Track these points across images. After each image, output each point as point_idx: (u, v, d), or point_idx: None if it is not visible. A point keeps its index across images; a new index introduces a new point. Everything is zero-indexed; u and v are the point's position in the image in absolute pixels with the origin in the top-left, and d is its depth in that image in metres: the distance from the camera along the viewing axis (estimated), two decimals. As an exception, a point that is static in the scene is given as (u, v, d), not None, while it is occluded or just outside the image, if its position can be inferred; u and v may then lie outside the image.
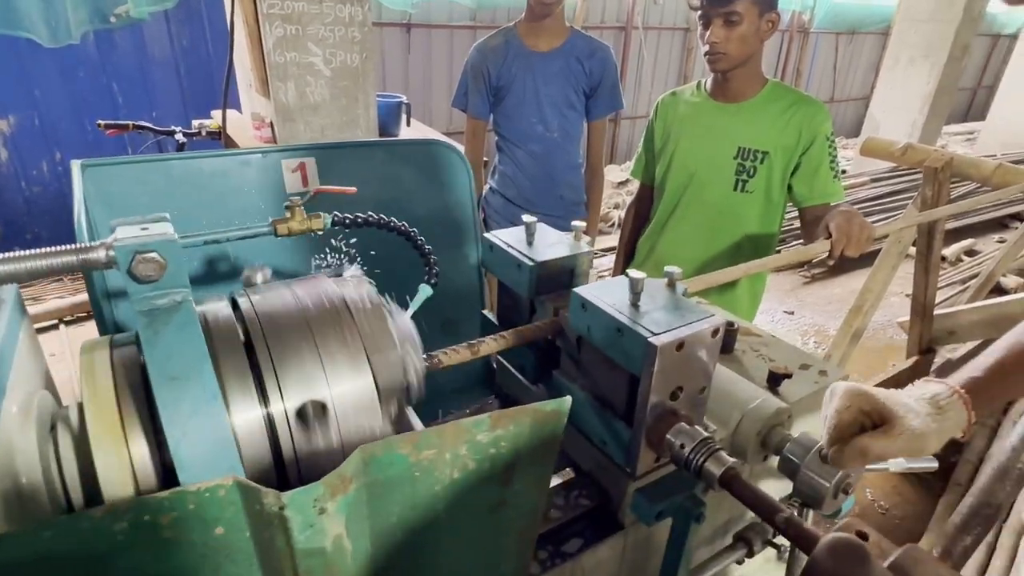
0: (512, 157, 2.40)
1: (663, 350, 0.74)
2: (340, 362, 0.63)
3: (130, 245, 0.56)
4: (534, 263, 0.96)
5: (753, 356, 1.12)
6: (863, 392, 0.71)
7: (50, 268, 0.55)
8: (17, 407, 0.59)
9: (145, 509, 0.43)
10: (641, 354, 0.75)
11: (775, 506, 0.69)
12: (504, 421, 0.55)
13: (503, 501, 0.66)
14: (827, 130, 1.73)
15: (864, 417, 0.71)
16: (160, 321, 0.55)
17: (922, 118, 6.08)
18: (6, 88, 4.05)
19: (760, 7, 1.61)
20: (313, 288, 0.71)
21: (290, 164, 1.21)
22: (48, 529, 0.41)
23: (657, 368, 0.75)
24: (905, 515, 2.57)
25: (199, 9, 4.51)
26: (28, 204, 4.44)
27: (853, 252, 1.45)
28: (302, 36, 2.50)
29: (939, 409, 0.71)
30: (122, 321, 1.06)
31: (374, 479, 0.52)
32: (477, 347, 0.89)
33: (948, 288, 4.47)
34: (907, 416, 0.69)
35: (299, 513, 0.46)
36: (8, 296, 0.68)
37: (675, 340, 0.75)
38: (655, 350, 0.73)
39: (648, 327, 0.76)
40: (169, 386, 0.51)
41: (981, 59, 11.20)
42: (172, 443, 0.50)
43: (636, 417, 0.81)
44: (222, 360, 0.60)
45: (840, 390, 0.73)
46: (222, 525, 0.47)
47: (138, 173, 1.05)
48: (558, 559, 0.88)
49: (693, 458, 0.75)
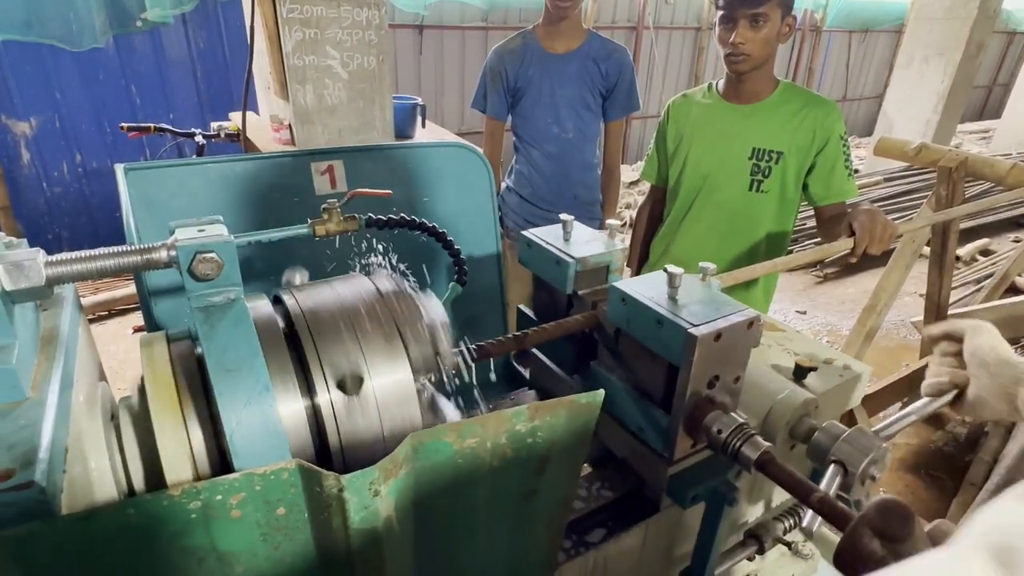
0: (528, 157, 2.44)
1: (703, 340, 0.77)
2: (378, 352, 0.67)
3: (191, 246, 0.60)
4: (574, 259, 1.00)
5: (779, 350, 1.15)
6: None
7: (118, 267, 0.59)
8: (84, 396, 0.63)
9: (218, 489, 0.47)
10: (681, 344, 0.79)
11: (810, 487, 0.72)
12: (542, 412, 0.59)
13: (536, 490, 0.69)
14: (840, 129, 1.75)
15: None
16: (216, 317, 0.59)
17: (936, 117, 6.05)
18: (28, 91, 4.14)
19: (783, 10, 1.63)
20: (352, 285, 0.75)
21: (319, 167, 1.25)
22: (131, 506, 0.45)
23: (696, 358, 0.78)
24: (919, 514, 2.58)
25: (215, 12, 4.58)
26: (49, 205, 4.53)
27: (876, 250, 1.47)
28: (320, 40, 2.55)
29: None
30: (160, 317, 1.11)
31: (421, 464, 0.55)
32: (522, 339, 0.92)
33: (963, 288, 4.45)
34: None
35: (356, 495, 0.49)
36: (68, 293, 0.73)
37: (713, 331, 0.78)
38: (695, 340, 0.77)
39: (688, 319, 0.79)
40: (225, 378, 0.55)
41: (996, 57, 11.10)
42: (228, 430, 0.53)
43: (675, 404, 0.85)
44: (270, 353, 0.64)
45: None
46: (284, 506, 0.51)
47: (176, 176, 1.09)
48: (582, 548, 0.91)
49: (730, 442, 0.79)
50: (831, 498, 0.68)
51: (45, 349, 0.64)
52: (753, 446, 0.77)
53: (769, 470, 0.75)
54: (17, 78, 4.07)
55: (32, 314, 0.65)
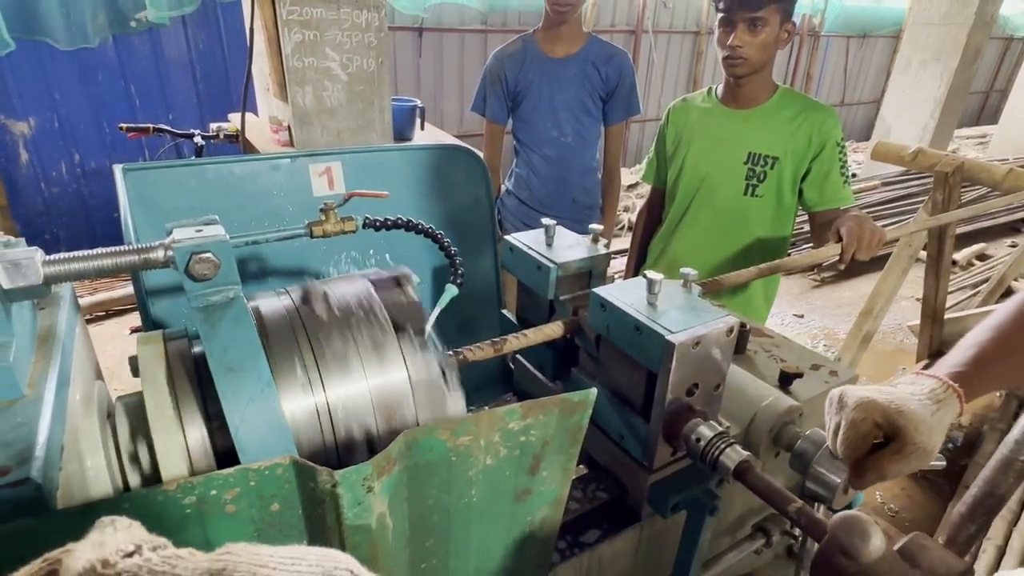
0: (527, 160, 2.45)
1: (680, 348, 0.77)
2: (370, 353, 0.67)
3: (187, 246, 0.60)
4: (556, 265, 1.00)
5: (765, 356, 1.15)
6: (873, 403, 0.72)
7: (115, 267, 0.60)
8: (80, 395, 0.64)
9: (213, 484, 0.47)
10: (659, 351, 0.79)
11: (787, 497, 0.72)
12: (535, 410, 0.59)
13: (529, 490, 0.70)
14: (837, 136, 1.76)
15: (876, 429, 0.72)
16: (216, 316, 0.59)
17: (933, 122, 6.08)
18: (27, 91, 4.14)
19: (782, 15, 1.64)
20: (348, 285, 0.75)
21: (317, 168, 1.25)
22: (126, 501, 0.46)
23: (674, 365, 0.78)
24: (915, 517, 2.59)
25: (215, 13, 4.58)
26: (47, 205, 4.53)
27: (864, 256, 1.47)
28: (320, 42, 2.56)
29: (939, 404, 0.73)
30: (158, 317, 1.11)
31: (415, 462, 0.55)
32: (500, 345, 0.92)
33: (959, 292, 4.47)
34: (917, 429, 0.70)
35: (349, 491, 0.50)
36: (66, 293, 0.73)
37: (692, 338, 0.78)
38: (673, 347, 0.77)
39: (666, 326, 0.79)
40: (227, 376, 0.55)
41: (993, 62, 11.14)
42: (232, 428, 0.54)
43: (653, 412, 0.84)
44: (270, 352, 0.64)
45: (851, 401, 0.73)
46: (278, 502, 0.51)
47: (175, 177, 1.10)
48: (576, 549, 0.91)
49: (708, 451, 0.79)
50: (808, 509, 0.69)
51: (42, 348, 0.64)
52: (732, 455, 0.77)
53: (747, 480, 0.75)
54: (16, 78, 4.08)
55: (29, 313, 0.66)
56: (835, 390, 0.77)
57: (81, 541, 0.29)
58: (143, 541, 0.29)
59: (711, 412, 0.89)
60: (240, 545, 0.29)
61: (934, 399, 0.73)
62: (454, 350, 0.86)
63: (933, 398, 0.73)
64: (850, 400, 0.73)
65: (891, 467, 0.70)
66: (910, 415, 0.70)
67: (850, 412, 0.72)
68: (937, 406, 0.72)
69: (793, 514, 0.70)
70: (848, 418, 0.72)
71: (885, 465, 0.70)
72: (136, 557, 0.28)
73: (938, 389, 0.74)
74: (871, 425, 0.71)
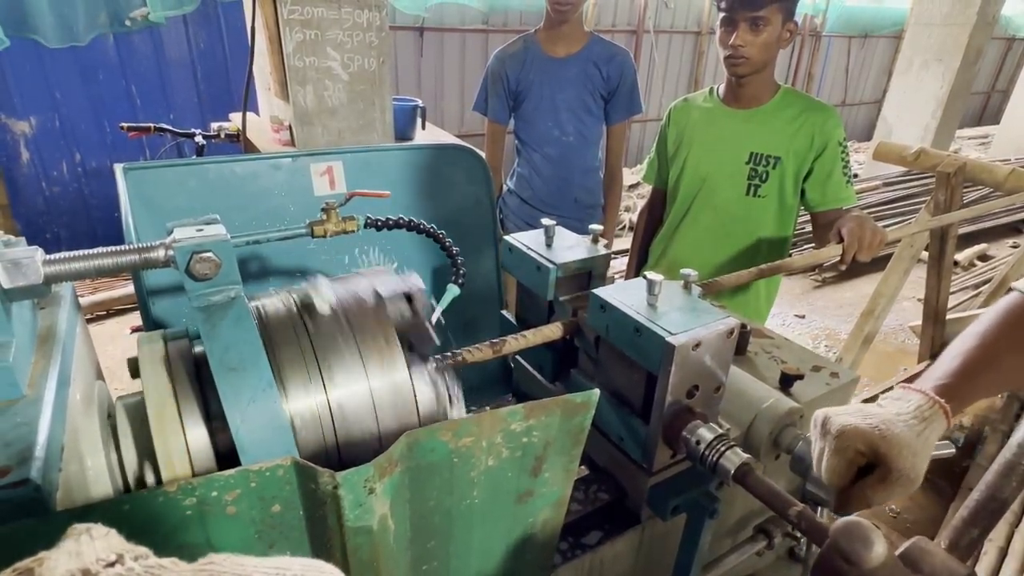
0: (529, 160, 2.45)
1: (680, 349, 0.77)
2: (372, 353, 0.67)
3: (188, 245, 0.60)
4: (555, 265, 0.99)
5: (766, 358, 1.15)
6: (856, 430, 0.70)
7: (116, 266, 0.60)
8: (81, 395, 0.64)
9: (213, 485, 0.47)
10: (659, 353, 0.78)
11: (788, 500, 0.72)
12: (537, 411, 0.59)
13: (531, 491, 0.69)
14: (839, 135, 1.76)
15: (860, 456, 0.70)
16: (217, 316, 0.59)
17: (935, 122, 6.07)
18: (28, 90, 4.14)
19: (784, 15, 1.64)
20: (350, 284, 0.75)
21: (318, 168, 1.25)
22: (127, 502, 0.45)
23: (674, 367, 0.78)
24: (917, 519, 2.58)
25: (216, 13, 4.58)
26: (48, 204, 4.53)
27: (865, 257, 1.47)
28: (321, 41, 2.56)
29: (924, 422, 0.71)
30: (159, 317, 1.11)
31: (417, 463, 0.55)
32: (499, 346, 0.92)
33: (961, 293, 4.46)
34: (900, 455, 0.68)
35: (351, 492, 0.50)
36: (66, 292, 0.73)
37: (692, 340, 0.78)
38: (672, 349, 0.76)
39: (666, 327, 0.79)
40: (228, 376, 0.55)
41: (995, 63, 11.13)
42: (233, 428, 0.54)
43: (653, 414, 0.84)
44: (273, 351, 0.64)
45: (833, 428, 0.71)
46: (279, 503, 0.51)
47: (176, 177, 1.10)
48: (578, 550, 0.91)
49: (708, 454, 0.78)
50: (809, 513, 0.68)
51: (42, 347, 0.64)
52: (732, 457, 0.76)
53: (747, 483, 0.74)
54: (17, 77, 4.08)
55: (30, 312, 0.66)
56: (819, 412, 0.74)
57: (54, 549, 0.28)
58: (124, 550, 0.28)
59: (711, 414, 0.88)
60: (224, 556, 0.29)
61: (920, 417, 0.71)
62: (453, 351, 0.85)
63: (919, 416, 0.71)
64: (833, 427, 0.71)
65: (876, 495, 0.69)
66: (893, 440, 0.68)
67: (832, 440, 0.70)
68: (923, 425, 0.70)
69: (794, 518, 0.69)
70: (831, 446, 0.71)
71: (870, 494, 0.69)
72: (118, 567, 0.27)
73: (924, 406, 0.72)
74: (854, 452, 0.70)
